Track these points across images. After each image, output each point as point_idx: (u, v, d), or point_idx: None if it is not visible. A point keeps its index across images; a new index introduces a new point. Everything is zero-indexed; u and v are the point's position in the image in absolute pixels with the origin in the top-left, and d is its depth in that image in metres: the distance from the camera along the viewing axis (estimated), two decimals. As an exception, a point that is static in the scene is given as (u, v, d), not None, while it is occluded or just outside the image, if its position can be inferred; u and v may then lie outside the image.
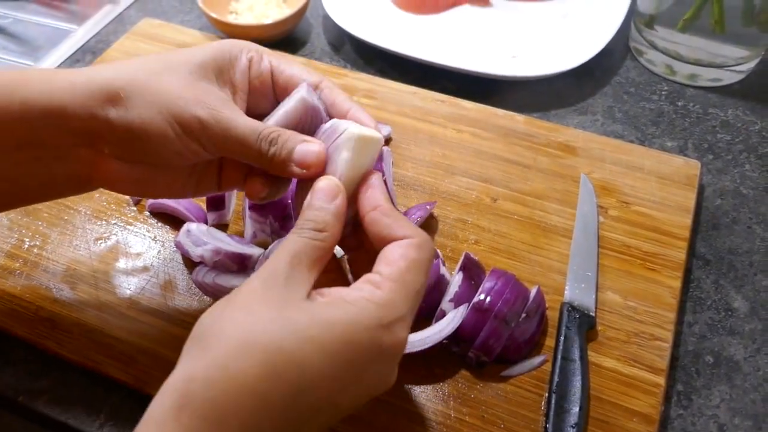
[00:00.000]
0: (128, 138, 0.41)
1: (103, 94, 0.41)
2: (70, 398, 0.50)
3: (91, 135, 0.42)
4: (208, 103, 0.42)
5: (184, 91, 0.42)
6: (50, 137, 0.42)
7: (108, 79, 0.42)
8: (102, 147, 0.42)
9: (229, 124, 0.41)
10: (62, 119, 0.41)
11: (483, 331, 0.48)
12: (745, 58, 0.72)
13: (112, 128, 0.41)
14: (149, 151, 0.42)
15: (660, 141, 0.69)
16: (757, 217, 0.61)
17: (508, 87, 0.74)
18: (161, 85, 0.42)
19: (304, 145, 0.42)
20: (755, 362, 0.52)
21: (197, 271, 0.53)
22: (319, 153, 0.42)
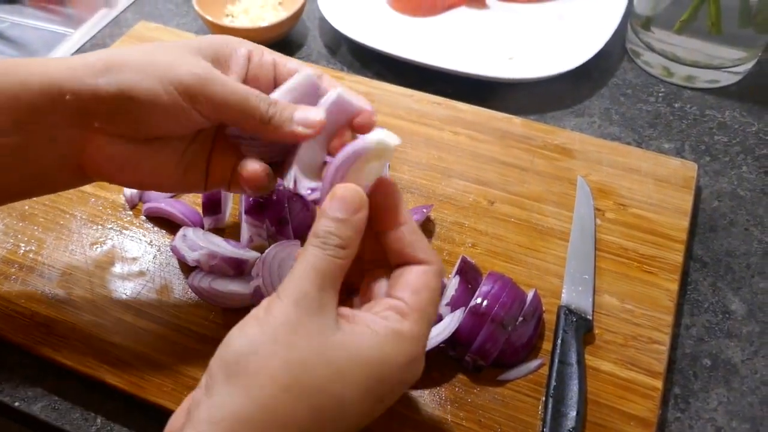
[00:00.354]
0: (118, 103, 0.41)
1: (97, 65, 0.41)
2: (66, 404, 0.50)
3: (81, 109, 0.41)
4: (203, 64, 0.42)
5: (178, 60, 0.42)
6: (45, 118, 0.42)
7: (102, 56, 0.42)
8: (91, 121, 0.42)
9: (225, 81, 0.42)
10: (58, 95, 0.41)
11: (480, 335, 0.48)
12: (742, 59, 0.72)
13: (102, 95, 0.41)
14: (141, 119, 0.42)
15: (657, 143, 0.69)
16: (754, 219, 0.61)
17: (505, 89, 0.74)
18: (155, 57, 0.42)
19: (303, 109, 0.43)
20: (753, 365, 0.52)
21: (193, 275, 0.53)
22: (321, 117, 0.42)
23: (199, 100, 0.41)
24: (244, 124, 0.43)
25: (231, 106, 0.42)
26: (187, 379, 0.49)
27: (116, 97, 0.41)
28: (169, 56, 0.42)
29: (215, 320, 0.52)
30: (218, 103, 0.42)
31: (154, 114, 0.41)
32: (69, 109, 0.41)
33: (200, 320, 0.52)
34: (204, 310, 0.53)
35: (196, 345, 0.51)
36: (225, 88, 0.41)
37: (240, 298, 0.52)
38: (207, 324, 0.52)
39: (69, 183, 0.46)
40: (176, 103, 0.41)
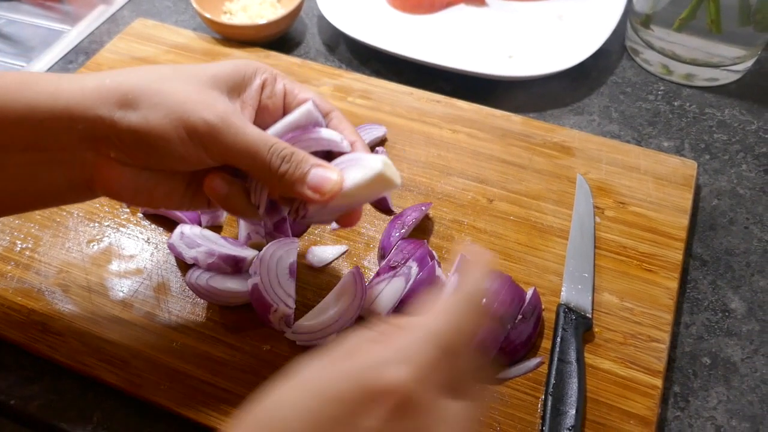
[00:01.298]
0: (132, 140, 0.41)
1: (111, 96, 0.41)
2: (63, 402, 0.49)
3: (96, 138, 0.41)
4: (217, 108, 0.41)
5: (192, 95, 0.41)
6: (55, 140, 0.41)
7: (117, 82, 0.41)
8: (107, 150, 0.42)
9: (238, 131, 0.41)
10: (68, 121, 0.41)
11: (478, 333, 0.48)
12: (742, 57, 0.72)
13: (117, 130, 0.41)
14: (152, 155, 0.42)
15: (656, 141, 0.68)
16: (754, 218, 0.61)
17: (504, 87, 0.74)
18: (170, 89, 0.41)
19: (321, 170, 0.42)
20: (752, 363, 0.51)
21: (190, 273, 0.52)
22: (338, 182, 0.41)
23: (210, 147, 0.41)
24: (255, 174, 0.43)
25: (241, 157, 0.41)
26: (183, 377, 0.49)
27: (131, 133, 0.41)
28: (184, 92, 0.41)
29: (213, 318, 0.52)
30: (229, 153, 0.41)
31: (165, 153, 0.41)
32: (82, 135, 0.41)
33: (197, 318, 0.52)
34: (201, 308, 0.53)
35: (194, 343, 0.50)
36: (237, 138, 0.41)
37: (237, 295, 0.51)
38: (204, 322, 0.52)
39: (78, 199, 0.46)
40: (187, 145, 0.41)
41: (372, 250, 0.57)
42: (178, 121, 0.40)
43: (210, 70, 0.43)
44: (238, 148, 0.41)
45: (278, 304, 0.49)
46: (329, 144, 0.45)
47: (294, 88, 0.47)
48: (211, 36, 0.79)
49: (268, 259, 0.50)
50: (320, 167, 0.42)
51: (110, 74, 0.43)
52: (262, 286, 0.49)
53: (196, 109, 0.40)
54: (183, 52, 0.76)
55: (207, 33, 0.80)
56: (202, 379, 0.48)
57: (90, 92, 0.41)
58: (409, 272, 0.51)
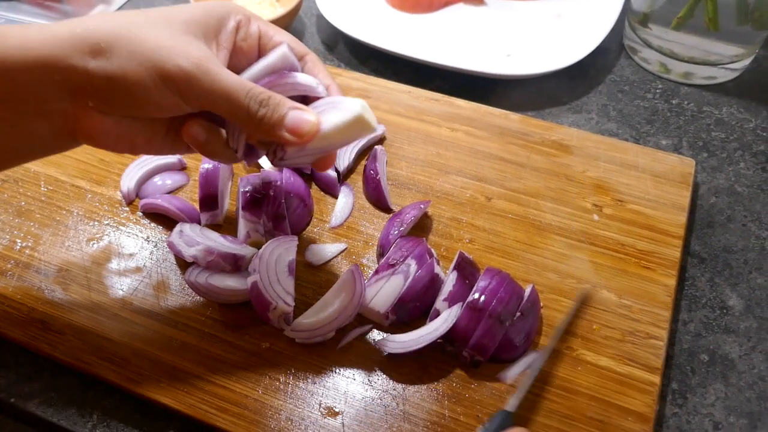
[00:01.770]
0: (109, 90, 0.41)
1: (83, 45, 0.40)
2: (63, 400, 0.50)
3: (74, 88, 0.41)
4: (192, 54, 0.41)
5: (166, 41, 0.41)
6: (33, 92, 0.41)
7: (89, 30, 0.41)
8: (85, 100, 0.41)
9: (215, 77, 0.40)
10: (43, 72, 0.40)
11: (477, 330, 0.48)
12: (739, 56, 0.72)
13: (93, 80, 0.40)
14: (129, 103, 0.41)
15: (654, 139, 0.69)
16: (751, 215, 0.61)
17: (503, 86, 0.74)
18: (143, 36, 0.41)
19: (298, 112, 0.42)
20: (750, 360, 0.52)
21: (190, 271, 0.53)
22: (315, 124, 0.41)
23: (186, 94, 0.41)
24: (232, 119, 0.43)
25: (219, 103, 0.41)
26: (183, 375, 0.49)
27: (107, 82, 0.40)
28: (157, 38, 0.41)
29: (212, 316, 0.52)
30: (206, 99, 0.41)
31: (143, 101, 0.41)
32: (57, 86, 0.41)
33: (197, 316, 0.52)
34: (201, 306, 0.53)
35: (193, 341, 0.51)
36: (213, 84, 0.41)
37: (237, 293, 0.51)
38: (204, 320, 0.52)
39: (63, 148, 0.46)
40: (163, 92, 0.41)
41: (371, 248, 0.57)
42: (152, 69, 0.40)
43: (182, 14, 0.43)
44: (215, 94, 0.41)
45: (277, 301, 0.49)
46: (305, 89, 0.45)
47: (268, 30, 0.46)
48: (210, 35, 0.79)
49: (267, 257, 0.50)
50: (297, 110, 0.42)
51: (81, 21, 0.42)
52: (262, 283, 0.49)
53: (171, 55, 0.40)
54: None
55: (206, 32, 0.80)
56: (201, 377, 0.49)
57: (62, 41, 0.40)
58: (408, 270, 0.51)
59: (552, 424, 0.46)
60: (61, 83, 0.41)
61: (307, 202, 0.58)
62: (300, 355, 0.50)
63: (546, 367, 0.49)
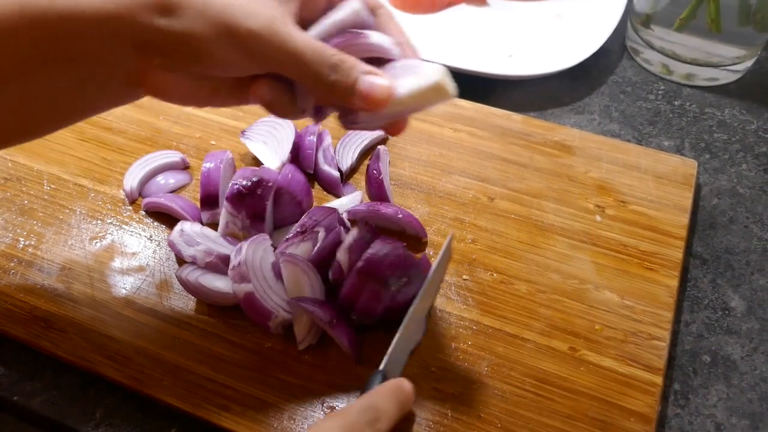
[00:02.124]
0: (175, 48, 0.40)
1: (151, 2, 0.39)
2: (65, 398, 0.50)
3: (140, 45, 0.40)
4: (262, 14, 0.39)
5: (236, 4, 0.39)
6: (100, 48, 0.40)
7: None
8: (151, 58, 0.41)
9: (284, 38, 0.39)
10: (111, 28, 0.39)
11: (363, 293, 0.49)
12: (742, 57, 0.72)
13: (160, 37, 0.39)
14: (196, 62, 0.40)
15: (657, 140, 0.69)
16: (754, 217, 0.61)
17: (505, 86, 0.74)
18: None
19: (371, 77, 0.40)
20: (752, 361, 0.52)
21: (183, 268, 0.53)
22: (389, 89, 0.40)
23: (256, 55, 0.40)
24: (302, 81, 0.41)
25: (287, 66, 0.40)
26: (186, 374, 0.49)
27: (174, 41, 0.39)
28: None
29: (215, 315, 0.52)
30: (275, 62, 0.40)
31: (211, 60, 0.40)
32: (126, 42, 0.40)
33: (200, 315, 0.52)
34: (204, 305, 0.53)
35: (196, 340, 0.51)
36: (283, 46, 0.39)
37: (224, 296, 0.51)
38: (207, 319, 0.52)
39: (125, 101, 0.45)
40: (231, 53, 0.39)
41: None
42: (222, 28, 0.39)
43: None
44: (283, 57, 0.39)
45: (278, 311, 0.49)
46: (379, 50, 0.43)
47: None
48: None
49: (255, 263, 0.50)
50: (370, 74, 0.40)
51: None
52: (259, 294, 0.49)
53: (240, 15, 0.39)
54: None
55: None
56: (204, 376, 0.49)
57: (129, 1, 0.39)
58: (316, 236, 0.52)
59: (554, 424, 0.46)
60: (127, 39, 0.40)
61: (302, 202, 0.57)
62: (303, 355, 0.50)
63: (547, 367, 0.49)
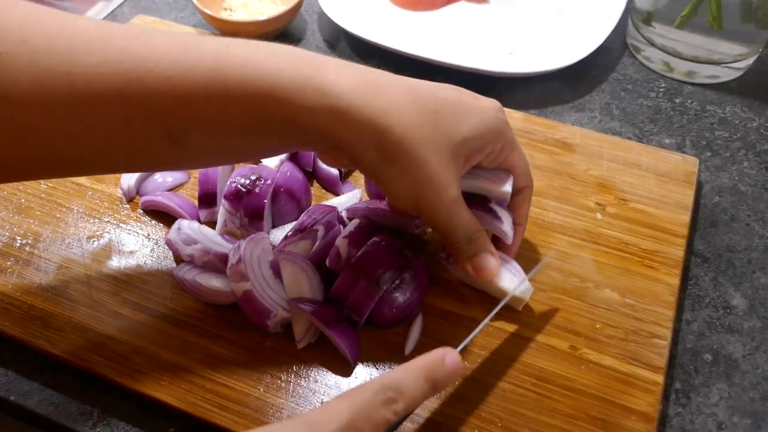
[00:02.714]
0: (366, 173, 0.49)
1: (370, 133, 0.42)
2: (63, 398, 0.49)
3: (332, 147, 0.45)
4: (449, 195, 0.44)
5: (438, 174, 0.43)
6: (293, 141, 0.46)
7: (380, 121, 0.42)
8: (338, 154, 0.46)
9: (452, 216, 0.45)
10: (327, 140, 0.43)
11: (356, 288, 0.49)
12: (743, 55, 0.72)
13: (361, 162, 0.44)
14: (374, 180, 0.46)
15: (658, 138, 0.68)
16: (755, 215, 0.61)
17: (505, 84, 0.74)
18: (424, 157, 0.43)
19: (488, 258, 0.47)
20: (754, 360, 0.51)
21: (181, 267, 0.53)
22: (494, 274, 0.48)
23: (424, 216, 0.46)
24: (441, 236, 0.47)
25: (441, 230, 0.46)
26: (184, 373, 0.48)
27: (370, 170, 0.45)
28: (434, 165, 0.43)
29: (213, 314, 0.52)
30: (434, 224, 0.46)
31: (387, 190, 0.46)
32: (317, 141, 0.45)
33: (198, 314, 0.52)
34: (201, 304, 0.52)
35: (194, 338, 0.50)
36: (447, 221, 0.45)
37: (221, 294, 0.51)
38: (205, 318, 0.52)
39: None
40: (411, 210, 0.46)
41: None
42: (414, 197, 0.44)
43: (463, 130, 0.44)
44: (443, 227, 0.46)
45: (276, 309, 0.49)
46: (500, 233, 0.50)
47: (511, 154, 0.48)
48: (211, 32, 0.79)
49: (253, 262, 0.50)
50: (489, 255, 0.47)
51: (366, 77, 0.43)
52: (257, 292, 0.49)
53: (434, 193, 0.44)
54: (183, 48, 0.76)
55: (207, 29, 0.80)
56: (202, 375, 0.48)
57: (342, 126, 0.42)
58: (315, 235, 0.53)
59: (555, 423, 0.46)
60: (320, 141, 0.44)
61: (301, 200, 0.57)
62: (301, 354, 0.50)
63: (547, 365, 0.49)
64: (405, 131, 0.42)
